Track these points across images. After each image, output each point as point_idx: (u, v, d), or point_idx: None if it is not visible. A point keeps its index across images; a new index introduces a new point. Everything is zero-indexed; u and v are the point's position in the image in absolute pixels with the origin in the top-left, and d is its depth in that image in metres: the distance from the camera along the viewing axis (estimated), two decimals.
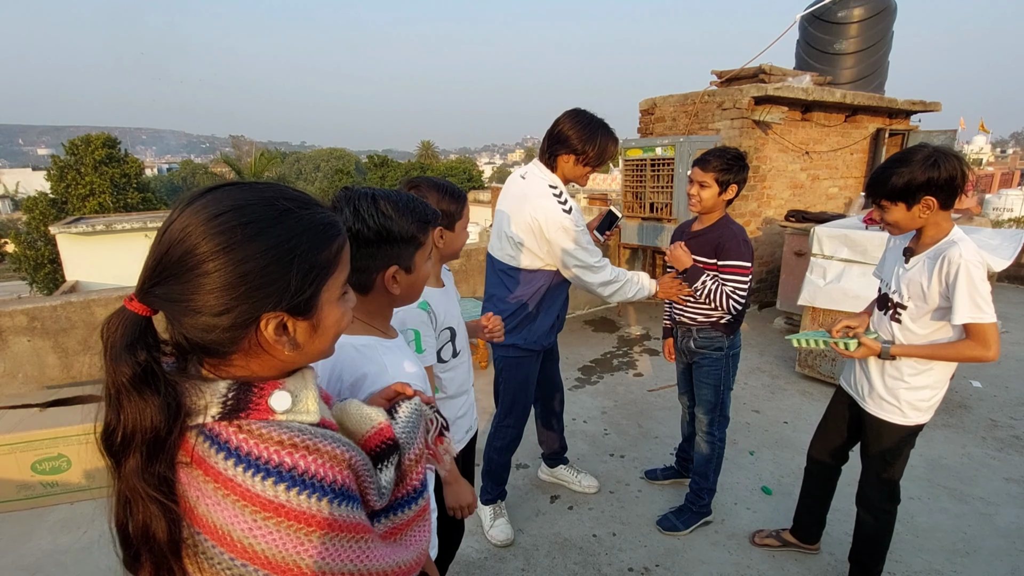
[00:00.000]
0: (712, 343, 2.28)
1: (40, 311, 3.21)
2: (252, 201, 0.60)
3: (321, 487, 0.59)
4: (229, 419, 0.60)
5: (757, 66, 5.55)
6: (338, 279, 0.66)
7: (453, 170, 31.95)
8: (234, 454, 0.58)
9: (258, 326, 0.60)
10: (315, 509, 0.58)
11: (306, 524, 0.58)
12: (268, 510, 0.57)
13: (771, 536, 2.32)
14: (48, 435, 2.58)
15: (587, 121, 2.04)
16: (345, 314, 0.69)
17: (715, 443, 2.37)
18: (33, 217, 17.98)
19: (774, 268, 5.81)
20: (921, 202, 1.57)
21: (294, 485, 0.57)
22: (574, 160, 2.07)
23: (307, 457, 0.59)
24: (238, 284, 0.57)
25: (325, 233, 0.63)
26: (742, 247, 2.14)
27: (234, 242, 0.57)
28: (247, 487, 0.57)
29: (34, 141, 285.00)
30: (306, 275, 0.61)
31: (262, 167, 23.03)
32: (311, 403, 0.66)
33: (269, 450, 0.58)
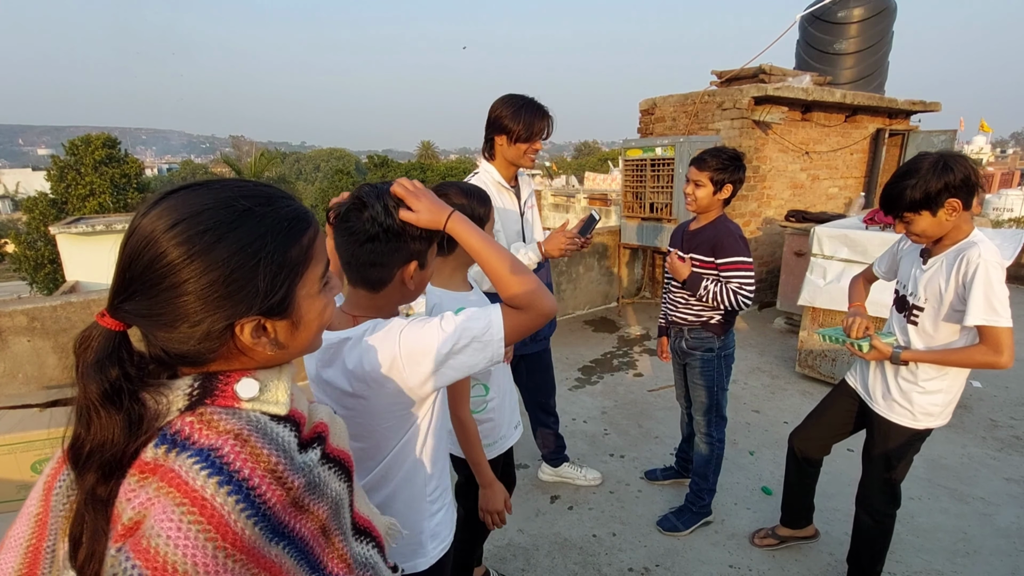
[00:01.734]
0: (703, 343, 2.28)
1: (40, 311, 3.21)
2: (208, 205, 0.57)
3: (247, 496, 0.53)
4: (193, 409, 0.57)
5: (757, 66, 5.55)
6: (314, 272, 0.64)
7: (453, 170, 31.95)
8: (170, 440, 0.55)
9: (233, 332, 0.58)
10: (233, 518, 0.52)
11: (219, 532, 0.51)
12: (195, 505, 0.51)
13: (768, 535, 2.33)
14: (48, 435, 2.58)
15: (512, 100, 2.09)
16: (328, 305, 0.67)
17: (713, 444, 2.37)
18: (33, 217, 17.98)
19: (774, 268, 5.81)
20: (945, 206, 1.54)
21: (227, 483, 0.53)
22: (506, 140, 2.10)
23: (235, 446, 0.55)
24: (205, 294, 0.55)
25: (292, 228, 0.61)
26: (739, 243, 2.14)
27: (194, 252, 0.55)
28: (185, 478, 0.52)
29: (34, 141, 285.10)
30: (276, 275, 0.59)
31: (262, 167, 23.04)
32: (280, 394, 0.63)
33: (210, 436, 0.55)
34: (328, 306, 0.68)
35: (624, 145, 5.46)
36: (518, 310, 0.92)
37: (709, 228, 2.20)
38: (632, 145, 5.16)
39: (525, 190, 2.33)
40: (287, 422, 0.63)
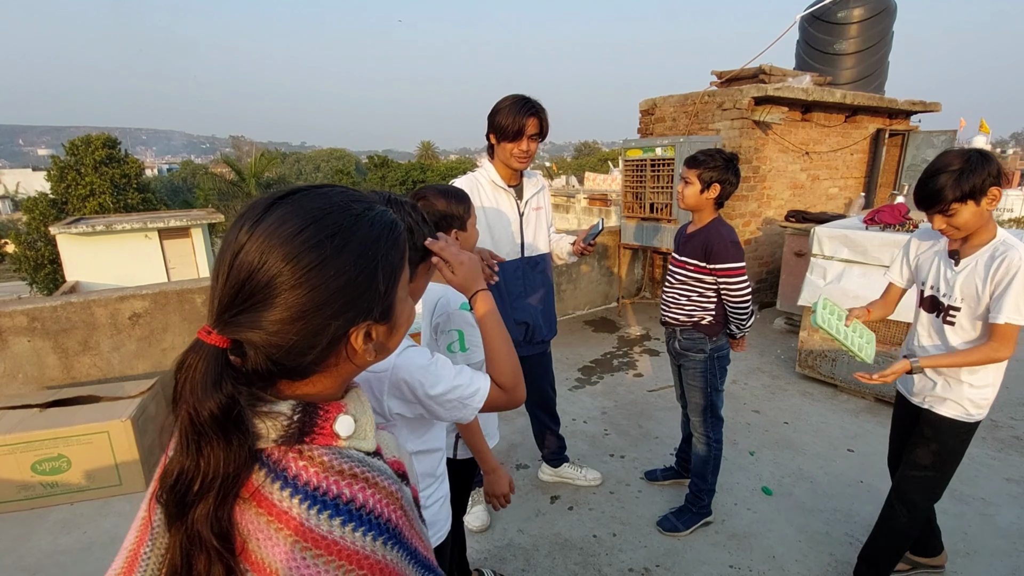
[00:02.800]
0: (695, 344, 2.29)
1: (40, 311, 3.21)
2: (328, 210, 0.56)
3: (378, 525, 0.55)
4: (291, 444, 0.56)
5: (757, 66, 5.55)
6: (406, 275, 0.65)
7: (453, 170, 31.94)
8: (291, 483, 0.54)
9: (348, 339, 0.58)
10: (369, 549, 0.54)
11: (357, 566, 0.53)
12: (320, 547, 0.52)
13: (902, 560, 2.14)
14: (48, 435, 2.58)
15: (504, 98, 2.06)
16: (413, 309, 0.69)
17: (711, 444, 2.37)
18: (33, 217, 17.98)
19: (774, 268, 5.81)
20: (988, 194, 1.57)
21: (350, 520, 0.53)
22: (495, 139, 2.08)
23: (366, 491, 0.55)
24: (332, 301, 0.55)
25: (394, 232, 0.62)
26: (730, 248, 2.14)
27: (324, 258, 0.54)
28: (301, 520, 0.53)
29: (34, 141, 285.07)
30: (386, 278, 0.59)
31: (262, 167, 23.03)
32: (369, 429, 0.63)
33: (329, 480, 0.55)
34: (413, 310, 0.68)
35: (624, 145, 5.46)
36: (502, 390, 1.04)
37: (703, 232, 2.21)
38: (632, 145, 5.16)
39: (529, 190, 2.26)
40: (377, 455, 0.63)
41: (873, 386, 3.56)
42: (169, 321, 3.51)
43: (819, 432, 3.25)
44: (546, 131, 2.10)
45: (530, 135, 2.04)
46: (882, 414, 3.45)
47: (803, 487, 2.72)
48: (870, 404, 3.59)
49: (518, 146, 2.05)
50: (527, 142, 2.05)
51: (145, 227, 14.77)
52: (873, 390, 3.58)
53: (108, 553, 2.32)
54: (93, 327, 3.34)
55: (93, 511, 2.61)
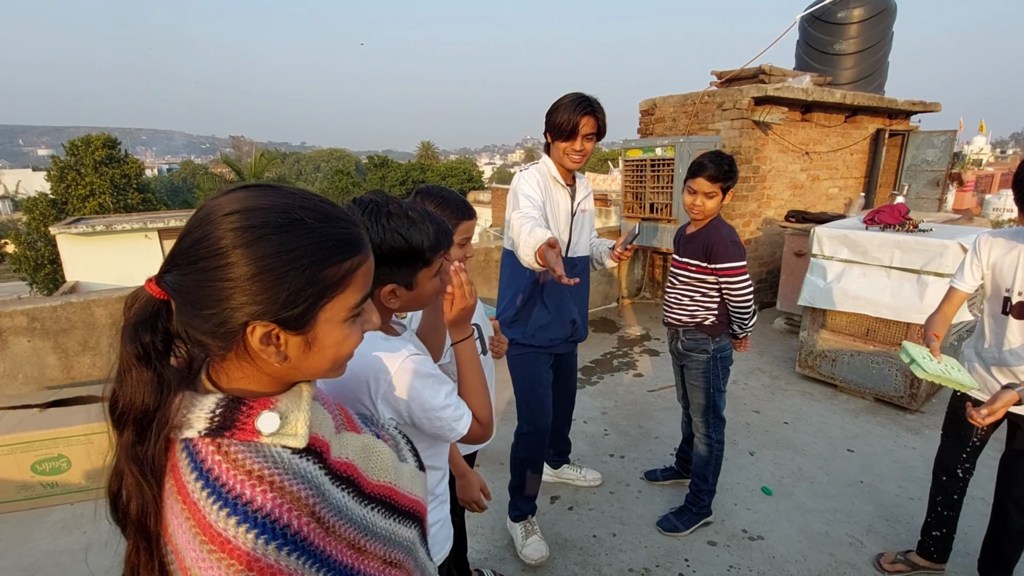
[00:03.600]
0: (698, 345, 2.29)
1: (40, 311, 3.21)
2: (265, 206, 0.58)
3: (272, 529, 0.55)
4: (213, 436, 0.58)
5: (757, 67, 5.55)
6: (346, 300, 0.62)
7: (453, 170, 31.94)
8: (204, 476, 0.56)
9: (245, 331, 0.59)
10: (260, 552, 0.54)
11: (247, 567, 0.54)
12: (215, 543, 0.54)
13: (899, 561, 2.17)
14: (48, 436, 2.58)
15: (564, 96, 2.03)
16: (349, 337, 0.65)
17: (712, 445, 2.37)
18: (33, 218, 17.99)
19: (774, 268, 5.81)
20: None
21: (245, 521, 0.54)
22: (549, 135, 2.06)
23: (267, 493, 0.56)
24: (227, 286, 0.56)
25: (335, 250, 0.60)
26: (730, 248, 2.14)
27: (237, 242, 0.56)
28: (204, 514, 0.55)
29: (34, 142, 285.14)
30: (301, 289, 0.58)
31: (262, 167, 23.03)
32: (300, 426, 0.63)
33: (236, 478, 0.56)
34: (350, 338, 0.65)
35: (624, 145, 5.46)
36: (478, 423, 1.11)
37: (703, 232, 2.21)
38: (632, 145, 5.15)
39: (581, 191, 2.25)
40: (308, 454, 0.63)
41: (873, 386, 3.57)
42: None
43: (819, 432, 3.25)
44: (603, 131, 2.06)
45: (585, 135, 1.99)
46: (881, 414, 3.45)
47: (803, 487, 2.72)
48: (870, 404, 3.59)
49: (572, 145, 2.01)
50: (581, 141, 2.00)
51: (145, 227, 14.76)
52: (873, 390, 3.58)
53: (108, 553, 2.31)
54: (93, 327, 3.34)
55: (93, 511, 2.61)
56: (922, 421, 3.37)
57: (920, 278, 3.29)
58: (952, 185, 10.11)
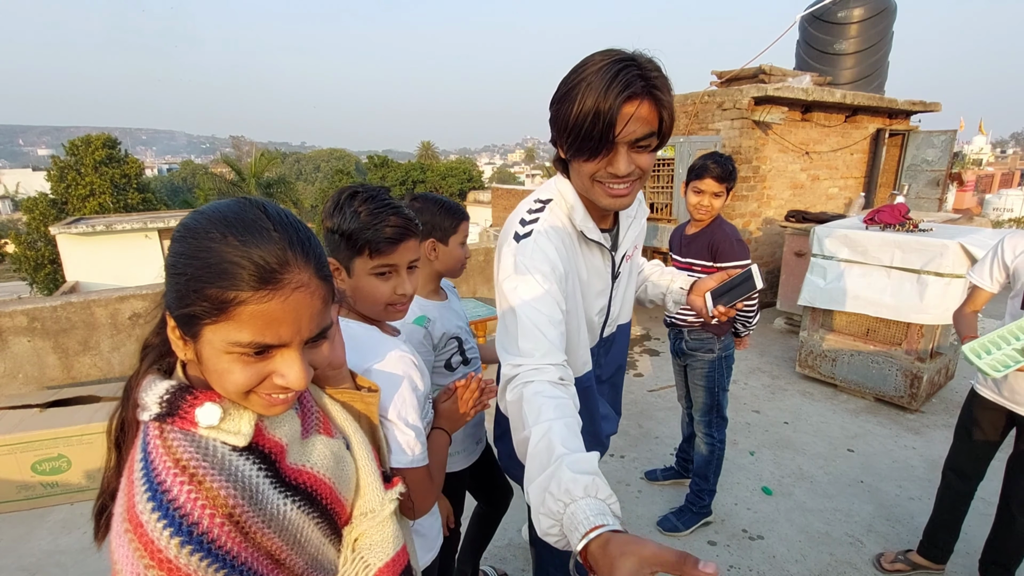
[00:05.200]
0: (704, 344, 2.29)
1: (40, 311, 3.21)
2: (206, 212, 0.60)
3: (180, 526, 0.53)
4: (160, 421, 0.60)
5: (757, 66, 5.55)
6: (227, 332, 0.57)
7: (453, 170, 31.92)
8: (144, 458, 0.57)
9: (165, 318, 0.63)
10: (164, 545, 0.53)
11: (149, 556, 0.53)
12: (131, 523, 0.54)
13: (899, 560, 2.18)
14: (48, 436, 2.59)
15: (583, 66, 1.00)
16: (230, 373, 0.59)
17: (714, 444, 2.37)
18: (33, 218, 17.98)
19: (774, 268, 5.81)
20: None
21: (158, 509, 0.54)
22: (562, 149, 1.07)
23: (184, 486, 0.55)
24: (164, 273, 0.61)
25: (222, 274, 0.56)
26: (736, 247, 2.15)
27: (176, 234, 0.61)
28: (132, 496, 0.56)
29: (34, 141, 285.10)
30: (184, 294, 0.57)
31: (262, 167, 23.00)
32: (244, 424, 0.61)
33: (164, 464, 0.56)
34: (231, 375, 0.59)
35: None
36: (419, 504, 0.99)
37: (706, 232, 2.21)
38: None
39: (628, 236, 1.27)
40: (252, 454, 0.62)
41: (874, 385, 3.57)
42: None
43: (819, 432, 3.25)
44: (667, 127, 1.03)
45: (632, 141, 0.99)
46: (882, 414, 3.45)
47: (803, 487, 2.72)
48: (870, 404, 3.59)
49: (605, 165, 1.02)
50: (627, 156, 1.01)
51: (145, 227, 14.76)
52: (874, 390, 3.58)
53: (107, 553, 2.31)
54: (93, 327, 3.34)
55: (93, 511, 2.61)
56: (922, 421, 3.37)
57: (920, 278, 3.30)
58: (952, 185, 10.11)
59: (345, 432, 0.78)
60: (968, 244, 3.19)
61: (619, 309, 1.35)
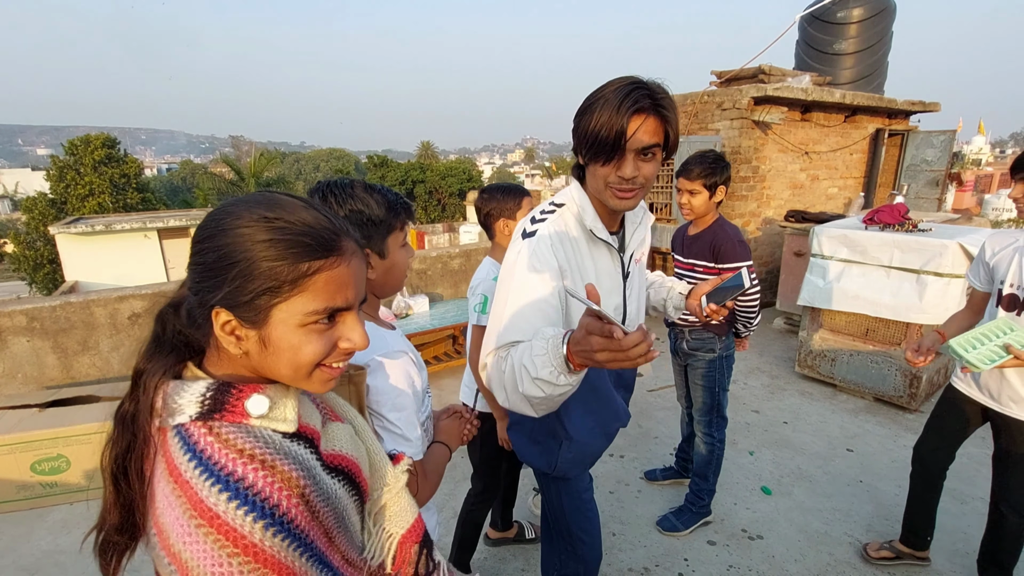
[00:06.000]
0: (705, 344, 2.29)
1: (39, 311, 3.21)
2: (247, 202, 0.62)
3: (262, 508, 0.56)
4: (204, 420, 0.60)
5: (757, 66, 5.55)
6: (303, 303, 0.61)
7: (453, 170, 31.90)
8: (197, 456, 0.58)
9: (211, 317, 0.61)
10: (247, 530, 0.55)
11: (232, 544, 0.54)
12: (204, 518, 0.55)
13: (885, 548, 2.24)
14: (47, 435, 2.58)
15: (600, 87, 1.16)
16: (307, 345, 0.62)
17: (714, 444, 2.37)
18: (32, 217, 17.96)
19: (774, 268, 5.81)
20: None
21: (236, 498, 0.55)
22: (581, 157, 1.23)
23: (258, 472, 0.57)
24: (200, 271, 0.61)
25: (291, 248, 0.60)
26: (738, 248, 2.15)
27: (209, 233, 0.61)
28: (196, 491, 0.56)
29: (33, 141, 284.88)
30: (249, 279, 0.59)
31: (261, 167, 23.00)
32: (289, 411, 0.64)
33: (228, 456, 0.58)
34: (307, 347, 0.62)
35: None
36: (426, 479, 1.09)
37: (708, 233, 2.21)
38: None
39: (635, 234, 1.38)
40: (298, 439, 0.65)
41: (873, 385, 3.57)
42: None
43: (818, 432, 3.26)
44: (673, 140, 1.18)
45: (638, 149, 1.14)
46: (881, 414, 3.45)
47: (803, 487, 2.72)
48: (869, 404, 3.59)
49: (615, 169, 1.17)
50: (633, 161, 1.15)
51: (144, 227, 14.76)
52: (873, 389, 3.59)
53: None
54: (92, 327, 3.34)
55: (92, 511, 2.60)
56: (921, 421, 3.36)
57: (919, 278, 3.30)
58: (951, 185, 10.12)
59: (348, 416, 0.81)
60: (967, 244, 3.20)
61: (636, 310, 1.43)
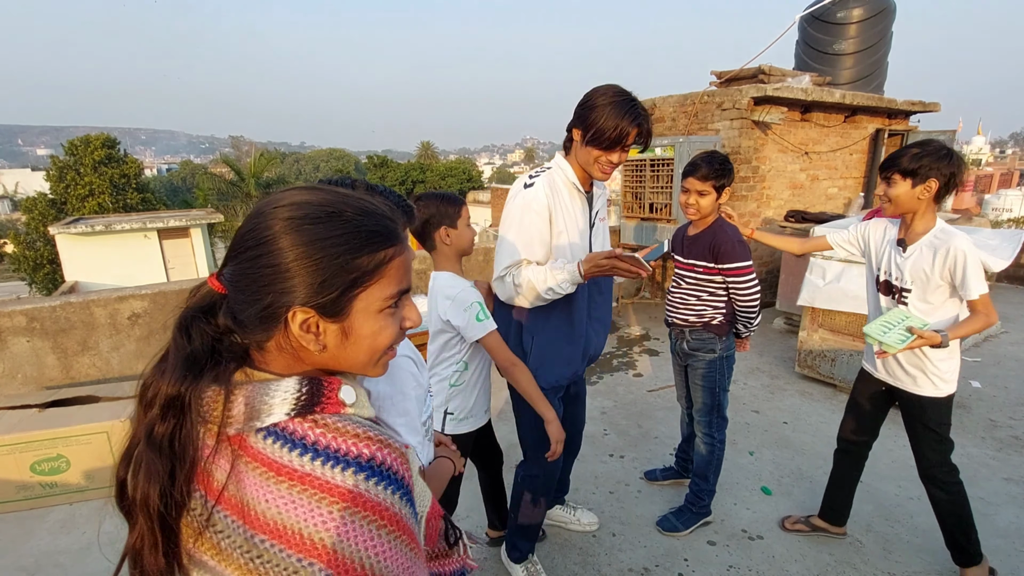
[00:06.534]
0: (705, 345, 2.29)
1: (39, 312, 3.21)
2: (311, 200, 0.63)
3: (395, 480, 0.60)
4: (303, 414, 0.61)
5: (757, 66, 5.56)
6: (381, 290, 0.65)
7: (453, 170, 31.91)
8: (311, 449, 0.59)
9: (287, 318, 0.62)
10: (389, 502, 0.59)
11: (379, 517, 0.58)
12: (345, 500, 0.57)
13: (800, 522, 2.40)
14: (47, 436, 2.58)
15: (607, 92, 1.63)
16: (385, 329, 0.66)
17: (714, 444, 2.37)
18: (32, 217, 17.96)
19: (774, 268, 5.81)
20: (925, 183, 1.78)
21: (373, 475, 0.59)
22: (580, 137, 1.68)
23: (383, 449, 0.61)
24: (270, 272, 0.60)
25: (369, 240, 0.63)
26: (737, 248, 2.16)
27: (276, 233, 0.60)
28: (325, 478, 0.57)
29: (33, 141, 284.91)
30: (335, 275, 0.61)
31: (261, 167, 23.00)
32: (364, 398, 0.68)
33: (347, 442, 0.60)
34: (386, 330, 0.66)
35: None
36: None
37: (707, 233, 2.21)
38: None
39: (599, 200, 1.95)
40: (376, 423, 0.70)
41: None
42: (168, 321, 3.48)
43: (818, 432, 3.25)
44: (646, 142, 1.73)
45: (626, 146, 1.68)
46: None
47: (803, 487, 2.72)
48: None
49: (610, 156, 1.68)
50: (620, 153, 1.68)
51: (144, 227, 14.76)
52: None
53: (107, 553, 2.31)
54: (92, 327, 3.34)
55: (92, 511, 2.60)
56: None
57: None
58: None
59: None
60: None
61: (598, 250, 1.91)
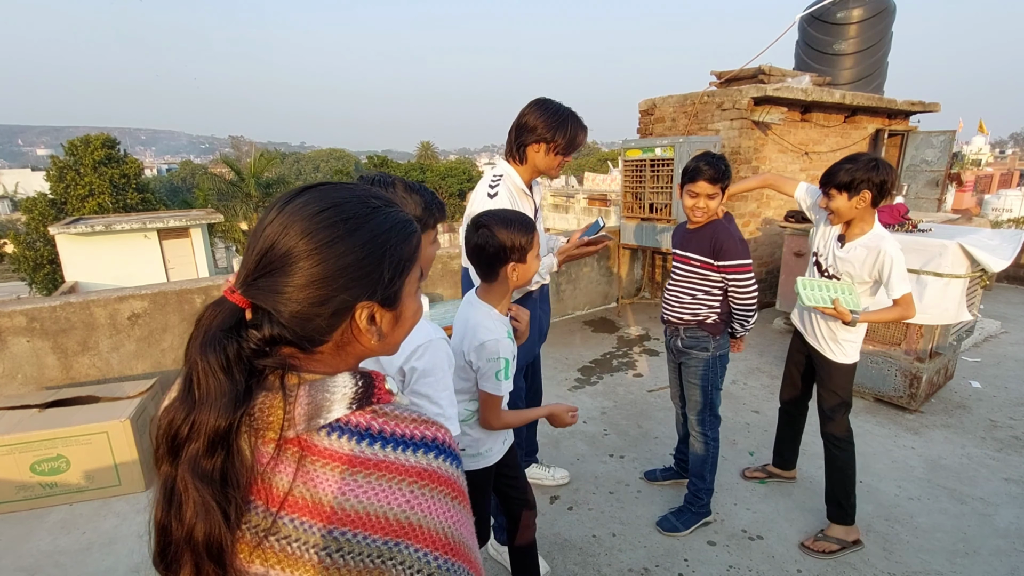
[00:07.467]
0: (699, 343, 2.29)
1: (39, 312, 3.21)
2: (348, 199, 0.65)
3: (455, 455, 0.65)
4: (362, 407, 0.63)
5: (756, 67, 5.56)
6: (415, 273, 0.71)
7: (452, 171, 31.91)
8: (378, 437, 0.61)
9: (353, 316, 0.64)
10: (455, 476, 0.63)
11: (452, 490, 0.62)
12: (423, 478, 0.60)
13: (758, 470, 2.80)
14: (47, 436, 2.58)
15: (555, 109, 2.02)
16: (420, 307, 0.74)
17: (708, 443, 2.37)
18: (32, 218, 17.97)
19: (774, 268, 5.81)
20: (860, 195, 2.00)
21: (440, 454, 0.62)
22: (545, 149, 2.04)
23: (440, 431, 0.65)
24: (339, 275, 0.62)
25: (406, 229, 0.68)
26: (738, 246, 2.15)
27: (336, 236, 0.61)
28: (400, 462, 0.60)
29: (33, 141, 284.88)
30: (395, 267, 0.66)
31: (261, 168, 22.99)
32: (396, 386, 0.72)
33: (409, 427, 0.63)
34: (420, 309, 0.74)
35: (624, 145, 5.46)
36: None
37: (709, 228, 2.20)
38: (632, 145, 5.16)
39: (538, 197, 2.27)
40: None
41: (873, 386, 3.58)
42: (168, 321, 3.51)
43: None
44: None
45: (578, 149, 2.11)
46: (880, 414, 3.45)
47: (802, 487, 2.72)
48: (869, 404, 3.59)
49: (567, 159, 2.10)
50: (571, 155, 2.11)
51: (144, 227, 14.76)
52: (873, 390, 3.59)
53: (107, 553, 2.31)
54: (92, 327, 3.34)
55: (92, 512, 2.60)
56: (921, 421, 3.37)
57: (919, 278, 3.30)
58: (951, 185, 10.12)
59: None
60: (967, 244, 3.20)
61: (543, 243, 2.21)
